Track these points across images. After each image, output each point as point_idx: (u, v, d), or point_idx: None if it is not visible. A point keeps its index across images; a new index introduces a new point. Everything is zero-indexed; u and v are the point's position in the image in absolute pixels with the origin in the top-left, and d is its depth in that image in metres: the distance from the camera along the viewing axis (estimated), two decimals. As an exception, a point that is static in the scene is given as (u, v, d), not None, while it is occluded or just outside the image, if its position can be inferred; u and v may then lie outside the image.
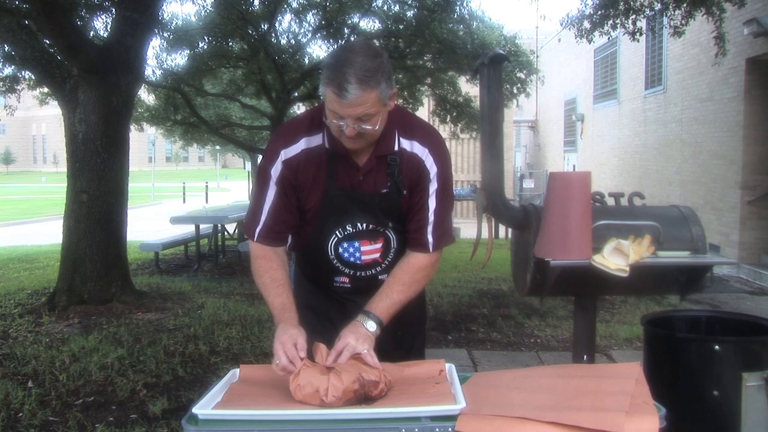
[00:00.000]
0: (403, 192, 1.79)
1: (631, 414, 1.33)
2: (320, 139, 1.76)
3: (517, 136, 25.01)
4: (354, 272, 1.88)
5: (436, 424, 1.40)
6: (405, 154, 1.78)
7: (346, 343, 1.63)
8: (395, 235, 1.85)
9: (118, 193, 6.06)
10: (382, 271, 1.89)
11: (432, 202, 1.80)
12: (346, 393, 1.49)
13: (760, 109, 8.52)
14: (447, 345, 4.98)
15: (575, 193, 2.56)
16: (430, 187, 1.79)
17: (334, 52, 1.66)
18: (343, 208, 1.79)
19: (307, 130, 1.77)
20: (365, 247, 1.84)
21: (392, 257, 1.87)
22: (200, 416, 1.44)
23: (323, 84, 1.61)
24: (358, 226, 1.81)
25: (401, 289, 1.78)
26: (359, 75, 1.56)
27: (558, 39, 16.59)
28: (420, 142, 1.79)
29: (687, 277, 2.82)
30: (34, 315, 5.64)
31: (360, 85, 1.56)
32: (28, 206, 26.23)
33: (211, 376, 4.08)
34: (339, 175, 1.76)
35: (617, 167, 13.97)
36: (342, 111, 1.60)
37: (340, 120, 1.62)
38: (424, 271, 1.83)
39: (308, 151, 1.76)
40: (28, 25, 5.92)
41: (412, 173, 1.78)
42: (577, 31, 7.57)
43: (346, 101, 1.58)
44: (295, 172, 1.76)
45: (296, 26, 10.78)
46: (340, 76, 1.57)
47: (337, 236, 1.82)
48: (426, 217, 1.80)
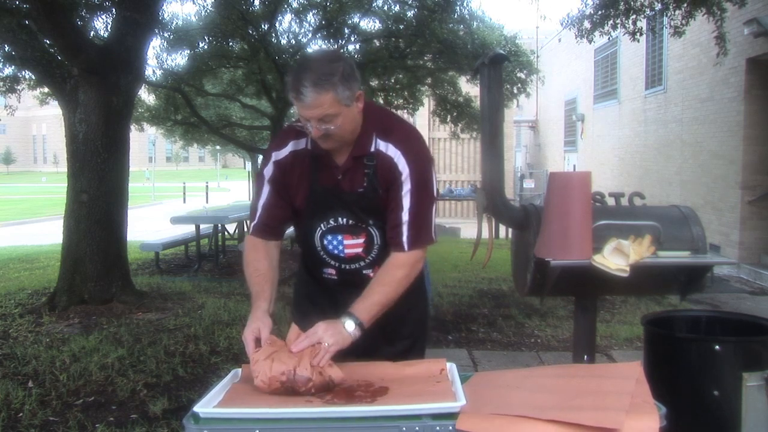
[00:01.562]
0: (379, 192, 1.87)
1: (632, 413, 1.34)
2: (305, 143, 1.92)
3: (517, 136, 25.01)
4: (339, 264, 1.98)
5: (437, 423, 1.41)
6: (381, 156, 1.87)
7: (315, 332, 1.70)
8: (378, 232, 1.93)
9: (119, 193, 6.06)
10: (366, 266, 1.97)
11: (406, 203, 1.86)
12: (272, 381, 1.57)
13: (760, 109, 8.52)
14: (447, 345, 4.99)
15: (575, 193, 2.56)
16: (403, 187, 1.86)
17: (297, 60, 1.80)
18: (325, 204, 1.91)
19: (295, 135, 1.92)
20: (348, 241, 1.94)
21: (376, 253, 1.95)
22: (201, 414, 1.44)
23: (288, 92, 1.76)
24: (340, 220, 1.92)
25: (381, 289, 1.83)
26: (314, 79, 1.68)
27: (558, 39, 16.58)
28: (395, 144, 1.87)
29: (687, 277, 2.82)
30: (35, 315, 5.64)
31: (314, 88, 1.68)
32: (29, 206, 26.24)
33: (211, 376, 4.08)
34: (321, 174, 1.90)
35: (617, 167, 13.97)
36: (304, 113, 1.74)
37: (305, 121, 1.76)
38: (403, 269, 1.86)
39: (295, 153, 1.92)
40: (28, 25, 5.92)
41: (387, 174, 1.87)
42: (578, 31, 7.57)
43: (304, 104, 1.71)
44: (284, 172, 1.92)
45: (296, 26, 10.79)
46: (297, 81, 1.70)
47: (321, 229, 1.94)
48: (400, 216, 1.86)
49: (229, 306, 5.95)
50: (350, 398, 1.56)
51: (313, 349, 1.65)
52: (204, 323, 5.30)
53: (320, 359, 1.63)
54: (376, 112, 1.91)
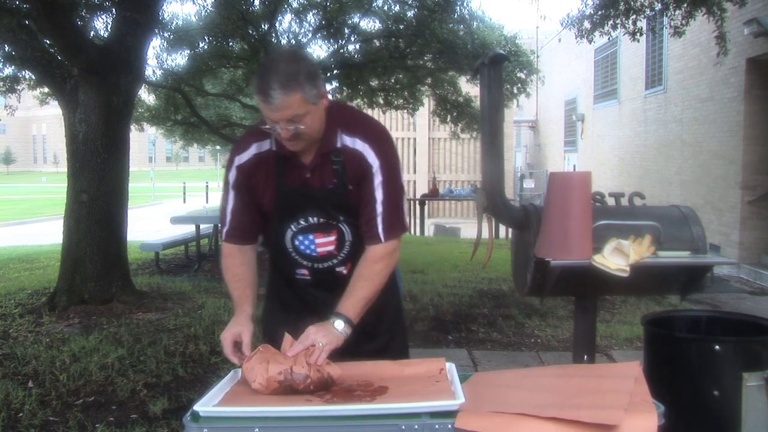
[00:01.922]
0: (349, 187, 1.88)
1: (630, 411, 1.34)
2: (269, 144, 1.90)
3: (517, 136, 25.02)
4: (312, 264, 1.98)
5: (436, 421, 1.41)
6: (348, 151, 1.87)
7: (307, 336, 1.71)
8: (349, 228, 1.93)
9: (119, 193, 6.06)
10: (338, 264, 1.97)
11: (378, 195, 1.88)
12: (270, 382, 1.58)
13: (760, 109, 8.52)
14: (447, 345, 4.99)
15: (575, 193, 2.56)
16: (375, 180, 1.87)
17: (262, 63, 1.81)
18: (295, 204, 1.91)
19: (258, 137, 1.92)
20: (319, 240, 1.94)
21: (348, 249, 1.95)
22: (202, 413, 1.45)
23: (254, 94, 1.75)
24: (310, 219, 1.92)
25: (363, 284, 1.85)
26: (281, 80, 1.69)
27: (558, 39, 16.58)
28: (361, 138, 1.88)
29: (687, 277, 2.82)
30: (35, 315, 5.65)
31: (282, 90, 1.69)
32: (28, 206, 26.24)
33: (211, 376, 4.08)
34: (288, 174, 1.90)
35: (617, 167, 13.97)
36: (272, 115, 1.73)
37: (274, 124, 1.75)
38: (382, 261, 1.88)
39: (259, 155, 1.91)
40: (28, 25, 5.92)
41: (356, 169, 1.87)
42: (578, 31, 7.57)
43: (273, 106, 1.70)
44: (248, 175, 1.91)
45: (296, 26, 10.78)
46: (264, 83, 1.70)
47: (292, 230, 1.93)
48: (374, 209, 1.88)
49: (229, 306, 5.91)
50: (350, 397, 1.56)
51: (307, 351, 1.66)
52: (204, 323, 5.30)
53: (316, 358, 1.64)
54: (339, 109, 1.92)
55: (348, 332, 1.77)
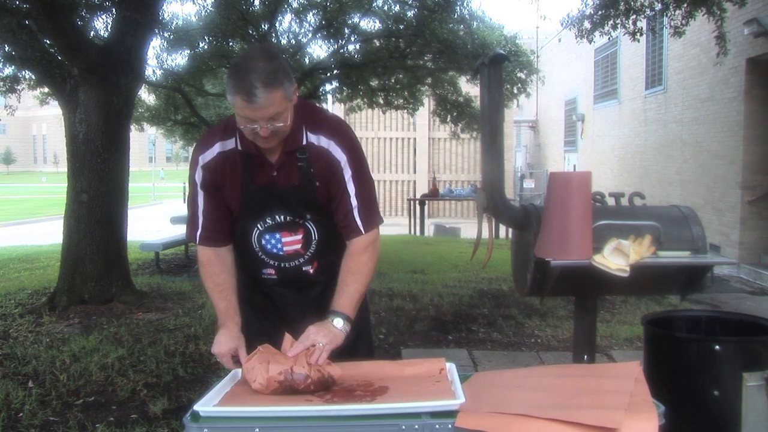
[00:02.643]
0: (316, 184, 1.88)
1: (630, 412, 1.34)
2: (233, 143, 1.88)
3: (517, 136, 25.01)
4: (278, 263, 1.98)
5: (436, 421, 1.41)
6: (313, 148, 1.88)
7: (307, 336, 1.71)
8: (315, 227, 1.94)
9: (119, 193, 6.06)
10: (305, 263, 1.98)
11: (351, 188, 1.89)
12: (270, 382, 1.59)
13: (760, 109, 8.52)
14: (447, 345, 4.98)
15: (575, 193, 2.56)
16: (345, 174, 1.88)
17: (235, 62, 1.77)
18: (261, 203, 1.90)
19: (221, 135, 1.89)
20: (286, 239, 1.94)
21: (314, 248, 1.96)
22: (202, 413, 1.45)
23: (230, 93, 1.71)
24: (277, 218, 1.92)
25: (354, 278, 1.85)
26: (263, 78, 1.67)
27: (558, 39, 16.58)
28: (325, 135, 1.88)
29: (687, 277, 2.82)
30: (35, 315, 5.65)
31: (266, 88, 1.67)
32: (29, 206, 26.24)
33: (211, 376, 4.08)
34: (254, 174, 1.88)
35: (618, 167, 13.97)
36: (253, 115, 1.70)
37: (252, 124, 1.73)
38: (366, 252, 1.89)
39: (223, 154, 1.88)
40: (28, 25, 5.92)
41: (323, 165, 1.88)
42: (578, 31, 7.57)
43: (256, 105, 1.68)
44: (214, 174, 1.89)
45: (296, 26, 10.78)
46: (245, 83, 1.67)
47: (259, 229, 1.93)
48: (349, 203, 1.89)
49: (229, 306, 5.94)
50: (350, 397, 1.56)
51: (308, 351, 1.66)
52: (204, 323, 5.30)
53: (317, 358, 1.64)
54: (302, 106, 1.90)
55: (348, 329, 1.77)
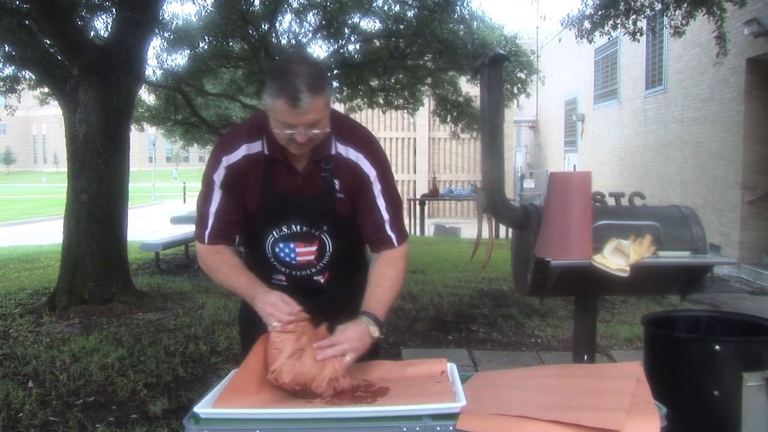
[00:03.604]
0: (338, 195, 1.86)
1: (632, 413, 1.33)
2: (260, 146, 1.84)
3: (517, 136, 25.01)
4: (290, 271, 1.95)
5: (437, 423, 1.41)
6: (341, 160, 1.86)
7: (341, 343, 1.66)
8: (330, 239, 1.91)
9: (119, 193, 6.06)
10: (317, 273, 1.95)
11: (381, 202, 1.88)
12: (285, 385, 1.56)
13: (760, 109, 8.52)
14: (447, 345, 4.98)
15: (575, 193, 2.56)
16: (374, 188, 1.87)
17: (277, 64, 1.75)
18: (279, 211, 1.86)
19: (247, 137, 1.85)
20: (300, 249, 1.91)
21: (327, 260, 1.94)
22: (202, 415, 1.44)
23: (271, 96, 1.68)
24: (293, 228, 1.88)
25: (388, 284, 1.85)
26: (308, 83, 1.64)
27: (558, 39, 16.58)
28: (354, 148, 1.87)
29: (687, 277, 2.82)
30: (35, 315, 5.64)
31: (311, 93, 1.64)
32: (29, 206, 26.24)
33: (211, 376, 4.08)
34: (277, 180, 1.84)
35: (618, 167, 13.97)
36: (295, 120, 1.67)
37: (291, 129, 1.69)
38: (401, 261, 1.90)
39: (249, 157, 1.84)
40: (28, 25, 5.91)
41: (350, 179, 1.86)
42: (578, 31, 7.57)
43: (300, 110, 1.65)
44: (237, 176, 1.84)
45: (297, 26, 10.78)
46: (290, 86, 1.64)
47: (274, 236, 1.90)
48: (381, 216, 1.88)
49: (229, 306, 5.94)
50: (351, 398, 1.56)
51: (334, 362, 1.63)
52: (204, 323, 5.30)
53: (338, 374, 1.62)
54: (332, 115, 1.87)
55: (377, 335, 1.74)
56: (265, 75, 10.35)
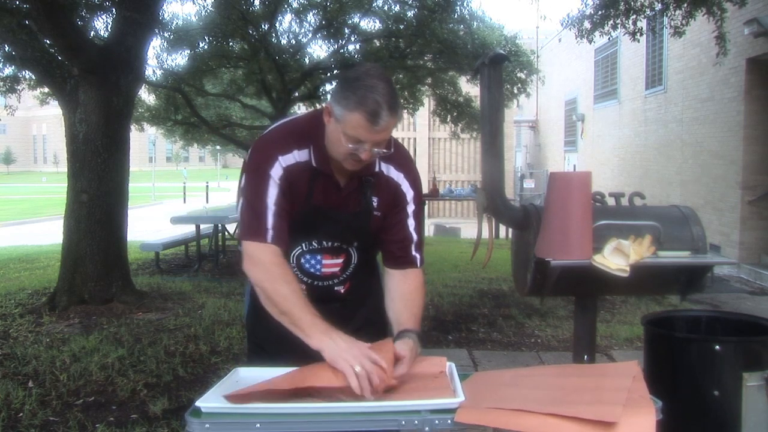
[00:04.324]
0: (375, 213, 1.83)
1: (628, 407, 1.35)
2: (306, 155, 1.76)
3: (517, 136, 25.02)
4: (312, 282, 1.90)
5: (436, 416, 1.42)
6: (382, 177, 1.83)
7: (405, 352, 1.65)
8: (357, 253, 1.90)
9: (119, 193, 6.06)
10: (338, 283, 1.92)
11: (411, 222, 1.87)
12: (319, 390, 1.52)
13: (760, 109, 8.52)
14: (447, 345, 4.99)
15: (575, 193, 2.56)
16: (408, 208, 1.86)
17: (355, 76, 1.65)
18: (313, 225, 1.81)
19: (297, 142, 1.76)
20: (326, 261, 1.87)
21: (351, 271, 1.92)
22: (203, 409, 1.45)
23: (347, 109, 1.60)
24: (324, 243, 1.84)
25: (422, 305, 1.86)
26: (389, 102, 1.60)
27: (558, 39, 16.59)
28: (396, 167, 1.84)
29: (687, 277, 2.82)
30: (35, 315, 5.65)
31: (390, 112, 1.61)
32: (29, 206, 26.24)
33: (211, 376, 4.08)
34: (317, 193, 1.78)
35: (618, 167, 13.97)
36: (368, 136, 1.62)
37: (357, 144, 1.64)
38: (424, 285, 1.91)
39: (298, 165, 1.75)
40: (28, 25, 5.92)
41: (389, 197, 1.84)
42: (578, 31, 7.57)
43: (378, 127, 1.61)
44: (287, 179, 1.74)
45: (297, 26, 10.80)
46: (373, 103, 1.59)
47: (302, 249, 1.85)
48: (409, 236, 1.87)
49: (230, 306, 5.95)
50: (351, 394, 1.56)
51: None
52: (204, 323, 5.30)
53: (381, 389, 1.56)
54: None
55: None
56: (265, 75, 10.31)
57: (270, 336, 1.86)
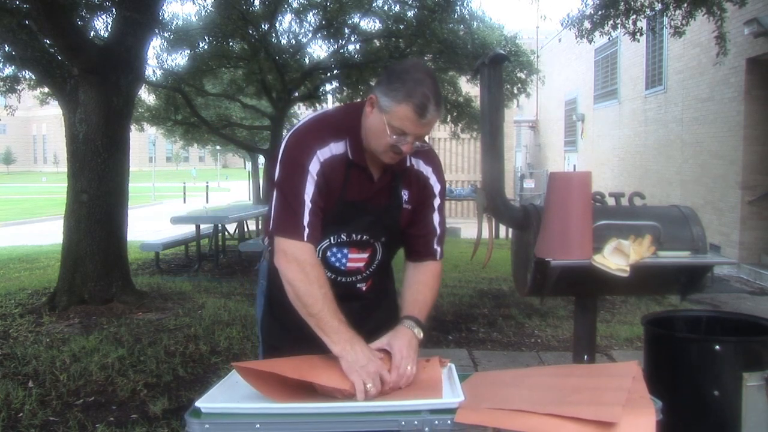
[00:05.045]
0: (406, 207, 1.84)
1: (628, 407, 1.35)
2: (342, 147, 1.73)
3: (517, 136, 25.02)
4: (335, 277, 1.87)
5: (436, 417, 1.42)
6: (412, 171, 1.84)
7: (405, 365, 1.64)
8: (382, 248, 1.89)
9: (119, 193, 6.06)
10: (361, 280, 1.91)
11: (437, 216, 1.88)
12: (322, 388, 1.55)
13: (760, 108, 8.52)
14: (447, 345, 4.99)
15: (575, 193, 2.56)
16: (435, 202, 1.88)
17: (404, 69, 1.66)
18: (345, 219, 1.78)
19: (333, 134, 1.73)
20: (353, 255, 1.85)
21: (374, 268, 1.91)
22: (203, 409, 1.45)
23: (395, 100, 1.61)
24: (354, 236, 1.82)
25: (433, 295, 1.85)
26: (436, 97, 1.62)
27: (558, 39, 16.58)
28: (424, 161, 1.86)
29: (687, 277, 2.82)
30: (35, 315, 5.65)
31: (436, 107, 1.63)
32: (29, 206, 26.24)
33: (211, 376, 4.08)
34: (353, 186, 1.76)
35: (618, 167, 13.97)
36: (413, 129, 1.63)
37: (401, 135, 1.64)
38: (439, 276, 1.92)
39: (334, 158, 1.73)
40: (28, 25, 5.92)
41: (419, 191, 1.85)
42: (578, 31, 7.57)
43: (425, 120, 1.62)
44: (324, 173, 1.70)
45: (297, 26, 10.81)
46: (422, 96, 1.60)
47: (330, 242, 1.81)
48: (433, 229, 1.88)
49: (229, 306, 5.95)
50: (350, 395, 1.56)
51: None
52: (204, 323, 5.30)
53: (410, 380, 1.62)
54: None
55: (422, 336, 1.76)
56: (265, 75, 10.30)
57: (287, 336, 1.86)
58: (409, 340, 1.70)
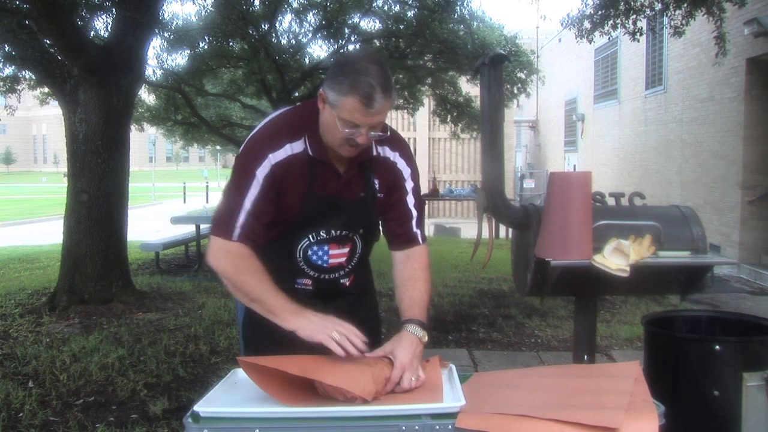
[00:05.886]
0: (378, 195, 1.85)
1: (631, 412, 1.34)
2: (302, 145, 1.75)
3: (517, 136, 25.01)
4: (318, 275, 1.88)
5: (437, 422, 1.41)
6: (379, 159, 1.84)
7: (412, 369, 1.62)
8: (361, 241, 1.90)
9: (119, 193, 6.06)
10: (344, 275, 1.91)
11: (411, 198, 1.90)
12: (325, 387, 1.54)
13: (760, 109, 8.52)
14: (447, 345, 4.99)
15: (575, 193, 2.56)
16: (407, 186, 1.89)
17: (347, 61, 1.68)
18: (320, 215, 1.79)
19: (289, 135, 1.75)
20: (333, 251, 1.86)
21: (355, 262, 1.92)
22: (202, 414, 1.45)
23: (341, 94, 1.61)
24: (332, 232, 1.82)
25: (427, 287, 1.84)
26: (382, 84, 1.61)
27: (558, 39, 16.59)
28: (390, 147, 1.86)
29: (687, 277, 2.82)
30: (35, 315, 5.65)
31: (384, 94, 1.61)
32: (29, 206, 26.24)
33: (211, 376, 4.08)
34: (321, 183, 1.77)
35: (618, 167, 13.97)
36: (363, 120, 1.63)
37: (355, 128, 1.64)
38: (429, 263, 1.91)
39: (292, 157, 1.74)
40: (28, 26, 5.92)
41: (388, 177, 1.86)
42: (578, 31, 7.57)
43: (373, 110, 1.61)
44: (281, 177, 1.73)
45: (297, 26, 10.80)
46: (366, 86, 1.59)
47: (309, 240, 1.82)
48: (409, 213, 1.89)
49: (230, 306, 5.95)
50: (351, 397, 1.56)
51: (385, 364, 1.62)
52: (204, 323, 5.30)
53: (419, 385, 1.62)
54: None
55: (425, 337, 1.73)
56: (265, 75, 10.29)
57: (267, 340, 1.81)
58: (414, 349, 1.67)
